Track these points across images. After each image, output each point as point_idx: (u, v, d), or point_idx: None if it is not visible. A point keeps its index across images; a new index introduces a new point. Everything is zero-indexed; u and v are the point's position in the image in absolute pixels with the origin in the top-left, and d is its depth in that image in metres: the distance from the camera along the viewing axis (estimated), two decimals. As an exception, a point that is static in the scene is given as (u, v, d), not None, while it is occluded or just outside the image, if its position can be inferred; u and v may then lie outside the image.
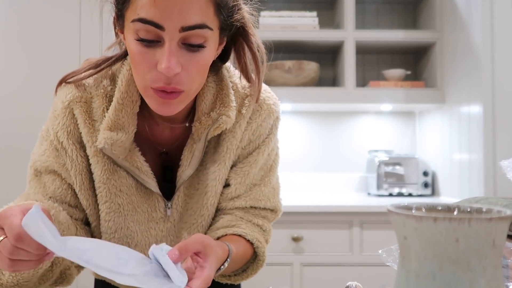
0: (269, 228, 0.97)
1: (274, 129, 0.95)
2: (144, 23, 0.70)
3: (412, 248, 0.43)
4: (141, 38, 0.72)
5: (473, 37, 2.11)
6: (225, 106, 0.85)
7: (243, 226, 0.91)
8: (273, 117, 0.94)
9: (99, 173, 0.84)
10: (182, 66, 0.73)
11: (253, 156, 0.92)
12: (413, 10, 2.72)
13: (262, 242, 0.92)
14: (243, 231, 0.89)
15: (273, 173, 0.98)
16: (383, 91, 2.38)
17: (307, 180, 2.67)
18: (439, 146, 2.45)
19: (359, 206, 2.07)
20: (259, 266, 0.94)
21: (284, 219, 2.09)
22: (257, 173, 0.94)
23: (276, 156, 1.00)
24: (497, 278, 0.42)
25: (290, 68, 2.39)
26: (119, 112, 0.81)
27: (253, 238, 0.90)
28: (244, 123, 0.89)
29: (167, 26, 0.70)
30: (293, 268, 2.05)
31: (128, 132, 0.82)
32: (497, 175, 1.99)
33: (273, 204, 0.97)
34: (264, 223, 0.95)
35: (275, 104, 0.95)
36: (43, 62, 2.13)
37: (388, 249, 0.67)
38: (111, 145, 0.80)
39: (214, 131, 0.85)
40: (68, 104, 0.83)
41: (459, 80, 2.23)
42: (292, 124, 2.71)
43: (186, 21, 0.70)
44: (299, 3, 2.66)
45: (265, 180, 0.95)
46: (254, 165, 0.92)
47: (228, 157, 0.89)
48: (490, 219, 0.41)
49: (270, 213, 0.98)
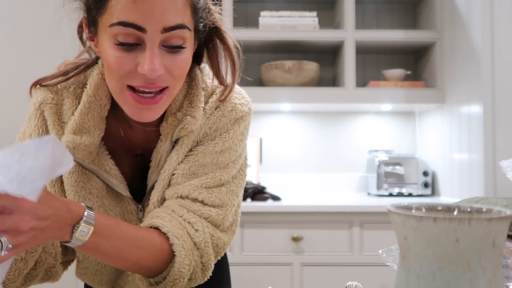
0: (203, 230, 0.82)
1: (236, 126, 0.87)
2: (125, 26, 0.70)
3: (412, 248, 0.43)
4: (121, 42, 0.72)
5: (473, 37, 2.11)
6: (192, 106, 0.84)
7: (165, 218, 0.80)
8: (235, 115, 0.87)
9: (66, 176, 0.84)
10: (164, 67, 0.73)
11: (203, 146, 0.86)
12: (413, 10, 2.72)
13: (183, 239, 0.79)
14: (161, 222, 0.79)
15: (228, 172, 0.87)
16: (383, 91, 2.38)
17: (307, 180, 2.68)
18: (439, 146, 2.45)
19: (359, 206, 2.07)
20: (176, 272, 0.78)
21: (284, 219, 2.10)
22: (207, 167, 0.85)
23: (238, 158, 0.89)
24: (497, 278, 0.42)
25: (290, 68, 2.39)
26: (85, 116, 0.81)
27: (169, 231, 0.78)
28: (204, 119, 0.86)
29: (148, 28, 0.70)
30: (293, 268, 2.05)
31: (93, 136, 0.82)
32: (497, 175, 1.99)
33: (217, 199, 0.85)
34: (198, 222, 0.82)
35: (242, 104, 0.89)
36: (44, 62, 2.12)
37: (388, 249, 0.67)
38: (73, 148, 0.80)
39: (180, 132, 0.83)
40: (39, 106, 0.84)
41: (459, 80, 2.23)
42: (292, 124, 2.71)
43: (167, 22, 0.71)
44: (299, 3, 2.66)
45: (215, 174, 0.85)
46: (202, 155, 0.85)
47: (182, 151, 0.85)
48: (490, 219, 0.41)
49: (215, 210, 0.85)
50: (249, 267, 2.05)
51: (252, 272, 2.04)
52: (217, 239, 0.84)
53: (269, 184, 2.60)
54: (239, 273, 2.01)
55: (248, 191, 2.20)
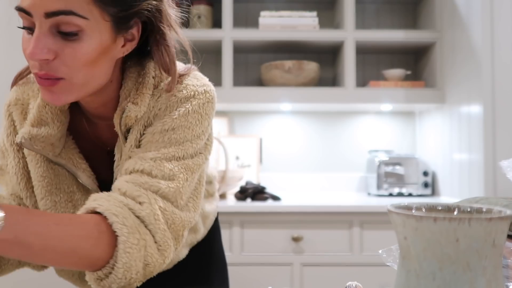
0: (149, 201, 0.74)
1: (187, 104, 0.82)
2: (18, 10, 0.72)
3: (412, 248, 0.43)
4: (23, 26, 0.74)
5: (473, 37, 2.11)
6: (137, 94, 0.82)
7: (102, 199, 0.74)
8: (185, 93, 0.83)
9: (33, 171, 0.85)
10: (55, 53, 0.72)
11: (152, 127, 0.82)
12: (413, 10, 2.72)
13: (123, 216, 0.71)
14: (98, 203, 0.73)
15: (182, 149, 0.81)
16: (383, 91, 2.38)
17: (307, 180, 2.68)
18: (439, 146, 2.45)
19: (359, 206, 2.07)
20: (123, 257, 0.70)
21: (284, 219, 2.10)
22: (156, 143, 0.80)
23: (195, 137, 0.83)
24: (497, 278, 0.42)
25: (290, 68, 2.39)
26: (42, 109, 0.82)
27: (107, 210, 0.71)
28: (153, 101, 0.83)
29: (33, 12, 0.70)
30: (293, 268, 2.05)
31: (52, 128, 0.82)
32: (497, 175, 1.99)
33: (169, 170, 0.78)
34: (143, 195, 0.75)
35: (196, 85, 0.85)
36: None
37: (388, 249, 0.67)
38: (29, 140, 0.81)
39: (125, 120, 0.81)
40: (7, 107, 0.87)
41: (459, 80, 2.23)
42: (292, 124, 2.71)
43: (48, 7, 0.70)
44: (299, 3, 2.66)
45: (168, 150, 0.80)
46: (150, 135, 0.81)
47: (134, 137, 0.82)
48: (490, 219, 0.41)
49: (165, 183, 0.77)
50: (249, 267, 2.04)
51: (252, 272, 2.04)
52: (171, 214, 0.76)
53: (269, 184, 2.60)
54: (239, 273, 2.01)
55: (248, 191, 2.20)
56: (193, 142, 0.82)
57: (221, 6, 2.39)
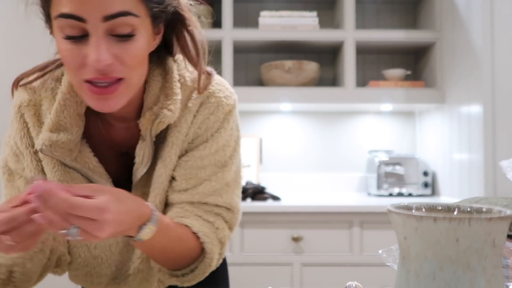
0: (222, 227, 0.87)
1: (225, 123, 0.87)
2: (65, 18, 0.69)
3: (412, 248, 0.43)
4: (68, 35, 0.70)
5: (473, 37, 2.11)
6: (168, 99, 0.82)
7: (191, 218, 0.85)
8: (222, 110, 0.87)
9: (50, 176, 0.84)
10: (115, 57, 0.71)
11: (199, 150, 0.86)
12: (413, 10, 2.72)
13: (211, 238, 0.85)
14: (190, 222, 0.83)
15: (228, 169, 0.89)
16: (383, 91, 2.38)
17: (307, 180, 2.67)
18: (439, 146, 2.45)
19: (359, 206, 2.07)
20: (207, 266, 0.86)
21: (284, 219, 2.10)
22: (207, 168, 0.87)
23: (233, 152, 0.90)
24: (497, 278, 0.42)
25: (290, 68, 2.39)
26: (60, 113, 0.80)
27: (199, 231, 0.83)
28: (191, 116, 0.85)
29: (88, 17, 0.68)
30: (293, 268, 2.05)
31: (71, 133, 0.81)
32: (497, 175, 1.99)
33: (226, 201, 0.89)
34: (217, 220, 0.87)
35: (227, 97, 0.88)
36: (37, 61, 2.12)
37: (388, 249, 0.67)
38: (50, 146, 0.79)
39: (158, 126, 0.81)
40: (18, 109, 0.84)
41: (459, 80, 2.23)
42: (292, 124, 2.71)
43: (107, 10, 0.68)
44: (299, 3, 2.66)
45: (218, 175, 0.87)
46: (199, 160, 0.86)
47: (174, 152, 0.85)
48: (490, 219, 0.41)
49: (226, 212, 0.89)
50: (249, 267, 2.05)
51: (252, 272, 2.04)
52: (228, 237, 0.90)
53: (269, 184, 2.60)
54: (239, 273, 2.01)
55: (248, 191, 2.20)
56: (232, 157, 0.90)
57: (221, 6, 2.39)
